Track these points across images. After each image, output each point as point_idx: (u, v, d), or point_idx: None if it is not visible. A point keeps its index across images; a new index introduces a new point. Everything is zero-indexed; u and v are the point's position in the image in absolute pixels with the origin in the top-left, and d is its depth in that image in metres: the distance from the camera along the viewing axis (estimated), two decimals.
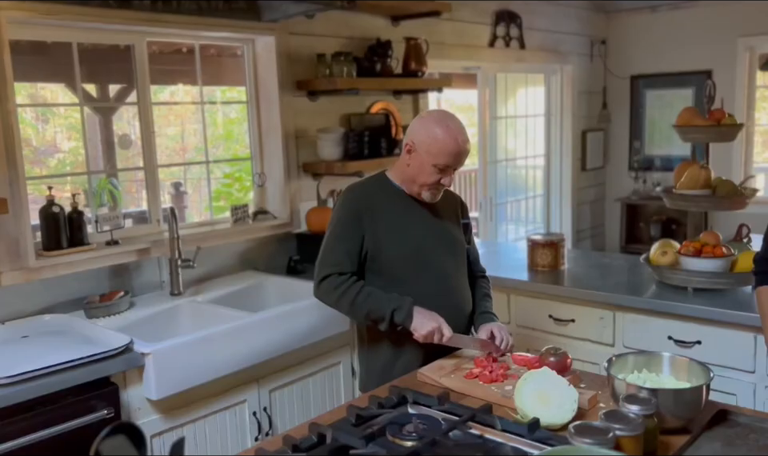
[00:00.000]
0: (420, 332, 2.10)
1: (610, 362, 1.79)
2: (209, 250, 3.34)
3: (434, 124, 2.15)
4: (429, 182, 2.18)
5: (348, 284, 2.15)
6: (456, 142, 2.14)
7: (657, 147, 6.27)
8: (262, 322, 2.75)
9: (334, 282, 2.17)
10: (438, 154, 2.13)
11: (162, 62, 4.62)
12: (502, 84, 5.43)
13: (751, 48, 5.64)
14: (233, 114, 6.00)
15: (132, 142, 4.84)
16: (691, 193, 2.90)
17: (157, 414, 2.46)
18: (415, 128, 2.19)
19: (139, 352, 2.39)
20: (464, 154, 2.18)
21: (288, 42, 3.59)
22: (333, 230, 2.23)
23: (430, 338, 2.10)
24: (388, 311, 2.12)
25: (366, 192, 2.26)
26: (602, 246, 6.55)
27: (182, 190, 6.45)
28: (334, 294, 2.17)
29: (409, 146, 2.19)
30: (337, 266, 2.17)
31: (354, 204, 2.22)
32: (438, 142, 2.12)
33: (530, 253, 3.43)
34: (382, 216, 2.20)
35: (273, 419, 2.84)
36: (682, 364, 1.78)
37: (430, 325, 2.09)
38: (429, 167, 2.15)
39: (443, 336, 2.10)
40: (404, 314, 2.11)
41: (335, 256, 2.18)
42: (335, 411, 1.85)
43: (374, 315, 2.14)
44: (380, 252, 2.19)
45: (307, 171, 3.73)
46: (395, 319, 2.12)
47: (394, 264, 2.20)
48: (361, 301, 2.14)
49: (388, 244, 2.19)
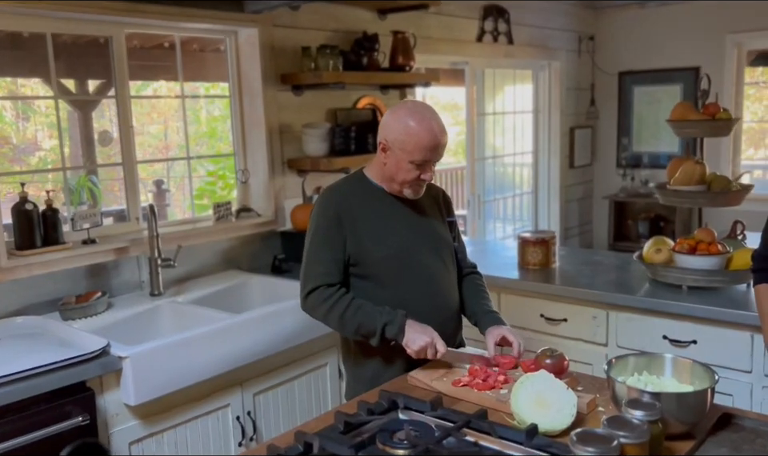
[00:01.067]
0: (412, 347, 1.98)
1: (609, 364, 1.71)
2: (190, 248, 3.24)
3: (406, 117, 2.02)
4: (408, 180, 2.07)
5: (336, 297, 2.04)
6: (431, 135, 2.01)
7: (645, 144, 6.23)
8: (246, 323, 2.66)
9: (322, 295, 2.05)
10: (414, 150, 2.01)
11: (144, 57, 4.50)
12: (490, 80, 5.36)
13: (739, 45, 5.61)
14: (216, 111, 5.88)
15: (112, 139, 4.71)
16: (686, 189, 2.84)
17: (135, 420, 2.36)
18: (387, 124, 2.06)
19: (117, 355, 2.29)
20: (441, 146, 2.05)
21: (272, 34, 3.49)
22: (314, 238, 2.10)
23: (423, 354, 1.99)
24: (379, 326, 2.00)
25: (344, 194, 2.13)
26: (590, 244, 6.50)
27: (164, 187, 6.32)
28: (323, 308, 2.05)
29: (383, 144, 2.06)
30: (324, 276, 2.05)
31: (332, 208, 2.09)
32: (412, 138, 2.00)
33: (521, 251, 3.36)
34: (363, 218, 2.09)
35: (257, 424, 2.74)
36: (685, 366, 1.71)
37: (424, 339, 1.98)
38: (406, 164, 2.03)
39: (437, 352, 1.99)
40: (396, 329, 2.00)
41: (321, 266, 2.06)
42: (322, 418, 1.76)
43: (365, 330, 2.03)
44: (363, 255, 2.08)
45: (292, 167, 3.63)
46: (386, 334, 2.01)
47: (378, 267, 2.09)
48: (350, 315, 2.02)
49: (371, 247, 2.08)
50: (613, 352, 2.93)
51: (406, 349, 2.00)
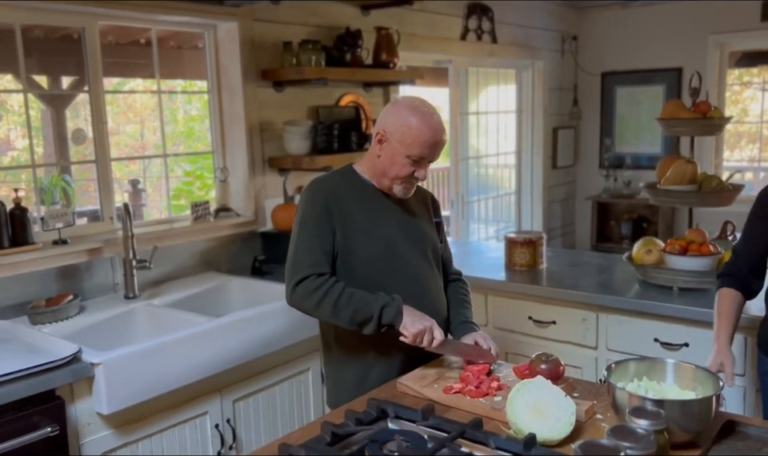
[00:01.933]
0: (410, 330, 1.88)
1: (609, 369, 1.64)
2: (167, 249, 3.12)
3: (408, 111, 1.96)
4: (402, 175, 1.99)
5: (328, 285, 1.93)
6: (432, 132, 1.95)
7: (627, 145, 6.21)
8: (225, 327, 2.55)
9: (312, 284, 1.93)
10: (413, 145, 1.94)
11: (119, 54, 4.38)
12: (473, 79, 5.30)
13: (722, 45, 5.60)
14: (194, 111, 5.75)
15: (87, 137, 4.57)
16: (677, 188, 2.78)
17: (108, 430, 2.24)
18: (387, 115, 2.00)
19: (89, 362, 2.17)
20: (440, 144, 1.99)
21: (252, 28, 3.39)
22: (302, 227, 1.99)
23: (419, 339, 1.89)
24: (377, 309, 1.90)
25: (332, 185, 2.04)
26: (573, 245, 6.47)
27: (139, 187, 6.17)
28: (314, 298, 1.92)
29: (380, 135, 1.99)
30: (314, 266, 1.94)
31: (321, 198, 1.99)
32: (412, 131, 1.93)
33: (508, 251, 3.29)
34: (351, 212, 2.00)
35: (237, 432, 2.64)
36: (687, 371, 1.64)
37: (422, 323, 1.90)
38: (402, 158, 1.96)
39: (433, 339, 1.91)
40: (394, 311, 1.90)
41: (310, 255, 1.95)
42: (307, 428, 1.67)
43: (360, 316, 1.91)
44: (349, 252, 1.99)
45: (273, 166, 3.53)
46: (383, 319, 1.90)
47: (365, 266, 2.00)
48: (344, 302, 1.91)
49: (358, 243, 1.99)
50: (603, 355, 2.87)
51: (403, 331, 1.90)
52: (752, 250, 2.00)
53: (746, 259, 2.02)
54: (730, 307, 1.95)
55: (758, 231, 1.98)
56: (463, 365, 1.98)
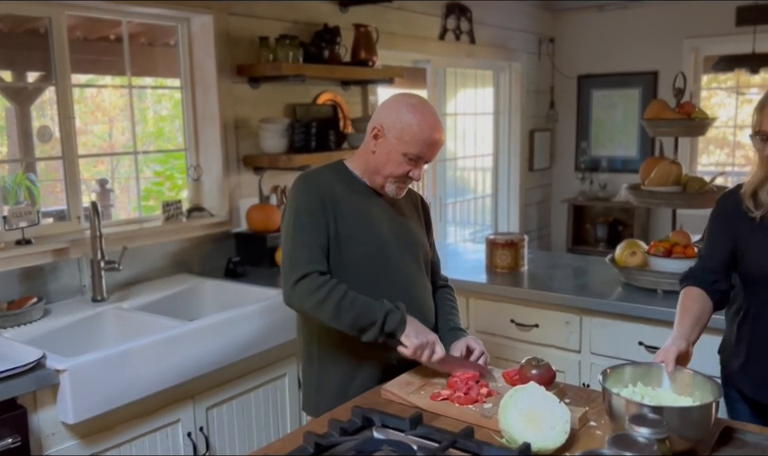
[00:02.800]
0: (413, 341, 1.80)
1: (605, 374, 1.58)
2: (137, 250, 3.00)
3: (407, 108, 1.88)
4: (396, 174, 1.92)
5: (331, 285, 1.83)
6: (431, 130, 1.88)
7: (603, 148, 6.21)
8: (198, 332, 2.45)
9: (315, 282, 1.82)
10: (411, 142, 1.87)
11: (88, 50, 4.23)
12: (451, 80, 5.25)
13: (696, 49, 5.64)
14: (164, 111, 5.61)
15: (53, 135, 4.42)
16: (662, 190, 2.75)
17: (74, 440, 2.13)
18: (385, 110, 1.92)
19: (53, 368, 2.05)
20: (439, 144, 1.93)
21: (227, 22, 3.28)
22: (296, 221, 1.88)
23: (420, 352, 1.81)
24: (380, 315, 1.80)
25: (324, 179, 1.95)
26: (548, 248, 6.46)
27: (107, 187, 5.99)
28: (316, 297, 1.82)
29: (376, 129, 1.91)
30: (313, 262, 1.84)
31: (314, 191, 1.90)
32: (411, 128, 1.86)
33: (489, 253, 3.23)
34: (343, 209, 1.91)
35: (210, 440, 2.53)
36: (685, 376, 1.59)
37: (426, 337, 1.81)
38: (398, 156, 1.89)
39: (434, 354, 1.82)
40: (398, 320, 1.81)
41: (309, 251, 1.85)
42: (288, 438, 1.58)
43: (363, 321, 1.82)
44: (340, 249, 1.90)
45: (248, 165, 3.42)
46: (387, 326, 1.80)
47: (356, 265, 1.91)
48: (348, 304, 1.81)
49: (350, 241, 1.90)
50: (586, 359, 2.82)
51: (405, 341, 1.81)
52: (717, 254, 1.94)
53: (710, 262, 1.96)
54: (692, 303, 1.86)
55: (722, 234, 1.93)
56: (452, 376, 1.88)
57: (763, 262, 1.84)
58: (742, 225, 1.87)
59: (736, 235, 1.89)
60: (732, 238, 1.90)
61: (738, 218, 1.88)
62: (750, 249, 1.86)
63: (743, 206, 1.86)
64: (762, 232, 1.83)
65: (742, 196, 1.87)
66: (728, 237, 1.91)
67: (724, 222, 1.93)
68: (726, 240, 1.92)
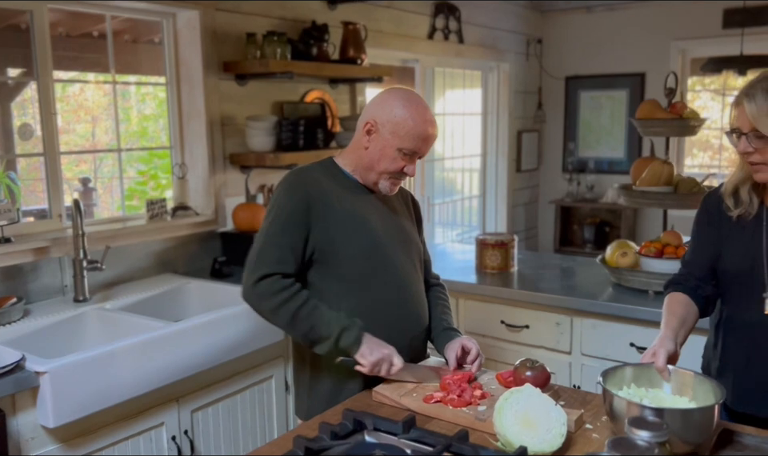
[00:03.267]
0: (369, 359, 1.76)
1: (605, 375, 1.55)
2: (120, 249, 2.94)
3: (400, 102, 1.84)
4: (390, 169, 1.87)
5: (292, 291, 1.79)
6: (426, 124, 1.85)
7: (590, 149, 6.21)
8: (182, 333, 2.39)
9: (276, 285, 1.79)
10: (405, 136, 1.83)
11: (70, 47, 4.15)
12: (439, 80, 5.21)
13: (683, 51, 5.65)
14: (147, 110, 5.53)
15: (34, 132, 4.33)
16: (654, 190, 2.73)
17: (55, 445, 2.06)
18: (377, 105, 1.88)
19: (33, 370, 1.99)
20: (433, 138, 1.89)
21: (214, 18, 3.23)
22: (276, 218, 1.84)
23: (377, 369, 1.77)
24: (335, 331, 1.76)
25: (314, 177, 1.90)
26: (536, 249, 6.45)
27: (90, 186, 5.90)
28: (274, 300, 1.79)
29: (369, 124, 1.86)
30: (280, 264, 1.80)
31: (301, 190, 1.85)
32: (406, 122, 1.82)
33: (479, 253, 3.20)
34: (335, 207, 1.86)
35: (195, 444, 2.47)
36: (686, 377, 1.57)
37: (381, 352, 1.77)
38: (392, 151, 1.84)
39: (392, 366, 1.78)
40: (353, 337, 1.77)
41: (278, 251, 1.81)
42: (277, 442, 1.53)
43: (316, 334, 1.78)
44: (332, 251, 1.85)
45: (234, 163, 3.36)
46: (341, 342, 1.77)
47: (350, 266, 1.86)
48: (305, 314, 1.78)
49: (342, 241, 1.85)
50: (577, 360, 2.80)
51: (360, 360, 1.77)
52: (701, 258, 1.90)
53: (695, 268, 1.91)
54: (677, 306, 1.81)
55: (706, 238, 1.89)
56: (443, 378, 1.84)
57: (735, 260, 1.79)
58: (721, 225, 1.82)
59: (715, 236, 1.84)
60: (711, 240, 1.85)
61: (717, 219, 1.83)
62: (726, 248, 1.81)
63: (723, 205, 1.82)
64: (738, 232, 1.78)
65: (722, 194, 1.83)
66: (708, 239, 1.87)
67: (704, 224, 1.89)
68: (707, 242, 1.87)
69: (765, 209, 1.76)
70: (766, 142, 1.62)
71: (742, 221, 1.78)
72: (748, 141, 1.64)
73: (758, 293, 1.73)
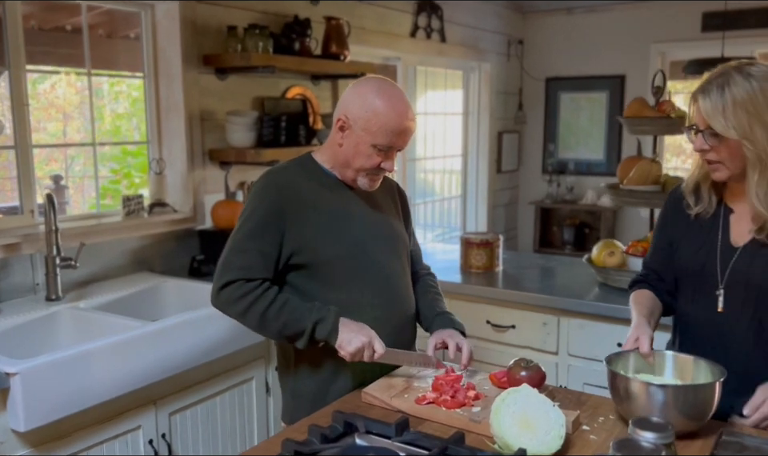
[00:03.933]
0: (348, 349, 1.69)
1: (609, 360, 1.58)
2: (95, 247, 2.84)
3: (373, 94, 1.74)
4: (367, 166, 1.79)
5: (258, 292, 1.72)
6: (401, 117, 1.75)
7: (570, 151, 6.22)
8: (160, 333, 2.31)
9: (239, 291, 1.71)
10: (379, 132, 1.74)
11: (42, 41, 4.03)
12: (422, 80, 5.17)
13: (663, 54, 5.68)
14: (120, 109, 5.41)
15: (3, 128, 4.20)
16: (641, 189, 2.70)
17: (26, 449, 1.97)
18: (349, 99, 1.79)
19: (3, 372, 1.90)
20: (409, 131, 1.80)
21: (194, 10, 3.14)
22: (245, 223, 1.77)
23: (359, 356, 1.71)
24: (309, 325, 1.70)
25: (290, 179, 1.82)
26: (515, 250, 6.43)
27: (62, 183, 5.75)
28: (240, 305, 1.72)
29: (341, 121, 1.78)
30: (244, 270, 1.72)
31: (275, 194, 1.77)
32: (378, 117, 1.73)
33: (464, 253, 3.15)
34: (312, 208, 1.79)
35: (173, 447, 2.39)
36: (687, 362, 1.61)
37: (360, 340, 1.69)
38: (367, 148, 1.76)
39: (374, 353, 1.71)
40: (329, 328, 1.70)
41: (245, 258, 1.73)
42: (264, 446, 1.46)
43: (290, 330, 1.72)
44: (312, 254, 1.77)
45: (214, 159, 3.28)
46: (317, 334, 1.70)
47: (328, 266, 1.79)
48: (274, 313, 1.71)
49: (322, 243, 1.78)
50: (564, 361, 2.76)
51: (339, 351, 1.71)
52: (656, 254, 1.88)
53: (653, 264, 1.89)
54: (644, 299, 1.80)
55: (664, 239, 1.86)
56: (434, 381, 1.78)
57: (690, 257, 1.76)
58: (679, 222, 1.80)
59: (672, 233, 1.82)
60: (668, 236, 1.83)
61: (675, 216, 1.82)
62: (683, 245, 1.79)
63: (684, 202, 1.79)
64: (695, 229, 1.76)
65: (683, 191, 1.80)
66: (665, 235, 1.85)
67: (663, 221, 1.88)
68: (664, 239, 1.85)
69: (723, 207, 1.74)
70: (720, 139, 1.58)
71: (700, 218, 1.76)
72: (704, 138, 1.61)
73: (711, 290, 1.71)
